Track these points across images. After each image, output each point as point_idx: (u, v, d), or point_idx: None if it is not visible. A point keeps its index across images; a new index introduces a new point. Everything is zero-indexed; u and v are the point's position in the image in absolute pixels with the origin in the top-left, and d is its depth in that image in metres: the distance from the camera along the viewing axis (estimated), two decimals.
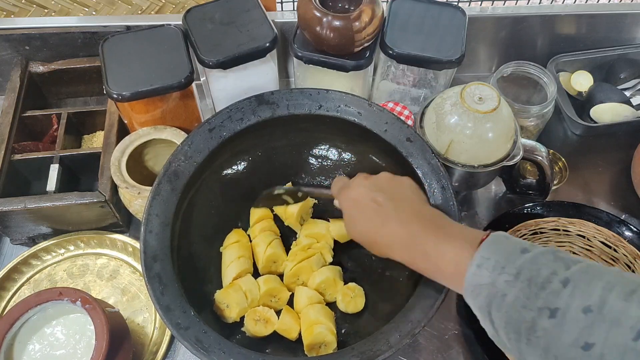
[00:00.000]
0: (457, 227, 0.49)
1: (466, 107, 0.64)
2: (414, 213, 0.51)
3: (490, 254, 0.43)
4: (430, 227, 0.49)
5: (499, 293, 0.41)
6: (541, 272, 0.40)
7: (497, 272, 0.42)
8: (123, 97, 0.65)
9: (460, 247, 0.46)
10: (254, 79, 0.73)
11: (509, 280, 0.41)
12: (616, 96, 0.85)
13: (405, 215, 0.51)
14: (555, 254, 0.41)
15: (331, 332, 0.60)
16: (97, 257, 0.73)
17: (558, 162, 0.83)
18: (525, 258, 0.41)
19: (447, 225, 0.49)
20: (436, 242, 0.47)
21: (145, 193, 0.65)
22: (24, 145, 0.74)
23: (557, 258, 0.41)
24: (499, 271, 0.42)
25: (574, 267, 0.40)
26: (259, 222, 0.68)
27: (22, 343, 0.57)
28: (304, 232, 0.68)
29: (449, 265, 0.46)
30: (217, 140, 0.62)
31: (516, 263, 0.41)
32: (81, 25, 0.79)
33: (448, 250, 0.46)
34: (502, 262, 0.42)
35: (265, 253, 0.65)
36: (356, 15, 0.67)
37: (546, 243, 0.72)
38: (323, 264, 0.66)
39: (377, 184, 0.55)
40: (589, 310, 0.37)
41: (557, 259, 0.41)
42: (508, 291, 0.41)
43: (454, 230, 0.48)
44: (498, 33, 0.88)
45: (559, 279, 0.39)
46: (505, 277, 0.41)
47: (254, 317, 0.61)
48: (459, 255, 0.45)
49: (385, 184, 0.55)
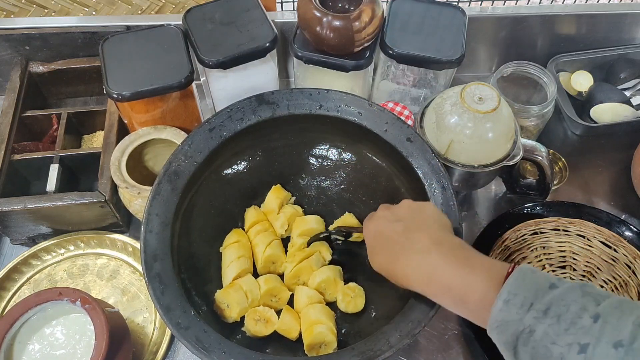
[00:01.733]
0: (480, 258, 0.47)
1: (466, 107, 0.64)
2: (434, 242, 0.49)
3: (517, 289, 0.42)
4: (451, 258, 0.47)
5: (526, 329, 0.40)
6: (571, 308, 0.39)
7: (526, 308, 0.41)
8: (123, 97, 0.65)
9: (485, 281, 0.44)
10: (254, 79, 0.73)
11: (538, 317, 0.40)
12: (616, 96, 0.85)
13: (424, 245, 0.49)
14: (583, 289, 0.41)
15: (331, 332, 0.60)
16: (97, 257, 0.73)
17: (558, 162, 0.83)
18: (554, 294, 0.41)
19: (470, 257, 0.48)
20: (459, 274, 0.46)
21: (145, 193, 0.65)
22: (24, 145, 0.74)
23: (585, 293, 0.40)
24: (528, 307, 0.41)
25: (604, 303, 0.39)
26: (254, 225, 0.68)
27: (22, 343, 0.57)
28: (296, 232, 0.68)
29: (473, 299, 0.45)
30: (217, 140, 0.62)
31: (545, 299, 0.41)
32: (81, 25, 0.79)
33: (472, 283, 0.45)
34: (530, 298, 0.41)
35: (264, 253, 0.65)
36: (356, 15, 0.67)
37: (546, 243, 0.72)
38: (323, 262, 0.66)
39: (396, 213, 0.54)
40: (620, 345, 0.36)
41: (585, 295, 0.40)
42: (537, 327, 0.40)
43: (476, 261, 0.47)
44: (498, 33, 0.88)
45: (589, 315, 0.38)
46: (534, 313, 0.40)
47: (254, 317, 0.61)
48: (483, 290, 0.44)
49: (405, 213, 0.53)
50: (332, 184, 0.72)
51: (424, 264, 0.48)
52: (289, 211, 0.68)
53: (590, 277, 0.70)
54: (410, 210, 0.54)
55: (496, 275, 0.44)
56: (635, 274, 0.69)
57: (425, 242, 0.49)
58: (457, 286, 0.46)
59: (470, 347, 0.67)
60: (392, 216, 0.54)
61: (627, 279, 0.69)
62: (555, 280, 0.42)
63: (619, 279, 0.69)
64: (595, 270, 0.70)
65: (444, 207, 0.59)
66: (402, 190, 0.67)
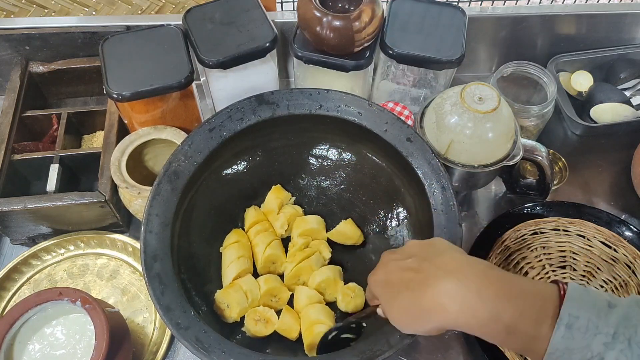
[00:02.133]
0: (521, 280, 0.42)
1: (466, 107, 0.64)
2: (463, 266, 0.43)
3: (578, 311, 0.38)
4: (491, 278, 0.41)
5: (595, 357, 0.37)
6: (639, 330, 0.37)
7: (592, 332, 0.37)
8: (123, 97, 0.65)
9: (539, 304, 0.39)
10: (254, 79, 0.73)
11: (607, 342, 0.37)
12: (616, 96, 0.85)
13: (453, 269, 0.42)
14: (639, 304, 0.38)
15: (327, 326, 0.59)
16: (97, 257, 0.73)
17: (558, 162, 0.83)
18: (617, 314, 0.38)
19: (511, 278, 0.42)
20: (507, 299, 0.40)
21: (145, 193, 0.65)
22: (24, 145, 0.74)
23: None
24: (594, 331, 0.37)
25: None
26: (254, 225, 0.68)
27: (22, 343, 0.57)
28: (296, 232, 0.68)
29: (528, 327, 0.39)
30: (217, 140, 0.62)
31: (609, 321, 0.37)
32: (81, 25, 0.79)
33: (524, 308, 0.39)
34: (594, 321, 0.37)
35: (264, 254, 0.65)
36: (356, 15, 0.67)
37: (546, 243, 0.72)
38: (322, 262, 0.66)
39: (404, 252, 0.48)
40: None
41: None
42: (606, 354, 0.37)
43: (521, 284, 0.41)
44: (498, 33, 0.88)
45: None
46: (603, 338, 0.37)
47: (254, 317, 0.61)
48: (539, 314, 0.39)
49: (415, 250, 0.47)
50: (332, 184, 0.72)
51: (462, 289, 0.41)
52: (289, 211, 0.68)
53: (590, 277, 0.70)
54: (420, 244, 0.48)
55: (550, 298, 0.39)
56: (635, 274, 0.69)
57: (454, 265, 0.43)
58: (509, 314, 0.39)
59: (470, 347, 0.67)
60: (401, 256, 0.47)
61: (627, 279, 0.69)
62: (609, 297, 0.39)
63: (619, 279, 0.69)
64: (595, 270, 0.70)
65: (443, 207, 0.59)
66: (402, 190, 0.67)
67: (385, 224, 0.69)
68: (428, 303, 0.42)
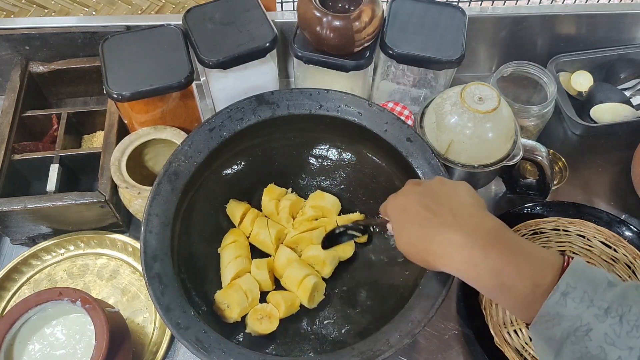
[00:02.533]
0: (532, 245, 0.44)
1: (466, 107, 0.64)
2: (476, 221, 0.45)
3: (576, 283, 0.39)
4: (499, 238, 0.44)
5: (583, 327, 0.38)
6: (633, 309, 0.38)
7: (585, 304, 0.38)
8: (123, 97, 0.65)
9: (540, 268, 0.41)
10: (254, 79, 0.73)
11: (598, 315, 0.38)
12: (616, 96, 0.85)
13: (466, 223, 0.45)
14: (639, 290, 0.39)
15: (316, 276, 0.64)
16: (97, 257, 0.73)
17: (558, 162, 0.83)
18: (615, 292, 0.39)
19: (519, 240, 0.44)
20: (511, 258, 0.42)
21: (145, 193, 0.65)
22: (24, 145, 0.74)
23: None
24: (587, 303, 0.38)
25: None
26: (244, 218, 0.68)
27: (22, 343, 0.57)
28: (310, 203, 0.69)
29: (522, 287, 0.41)
30: (217, 140, 0.62)
31: (605, 297, 0.38)
32: (81, 25, 0.79)
33: (526, 269, 0.41)
34: (590, 294, 0.39)
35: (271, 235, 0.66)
36: (356, 15, 0.67)
37: (546, 243, 0.72)
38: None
39: (428, 189, 0.49)
40: None
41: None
42: (595, 326, 0.38)
43: (527, 247, 0.43)
44: (498, 33, 0.88)
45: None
46: (595, 310, 0.38)
47: (256, 317, 0.61)
48: (538, 277, 0.41)
49: (439, 190, 0.49)
50: (332, 184, 0.72)
51: (469, 243, 0.43)
52: (287, 204, 0.68)
53: None
54: (444, 186, 0.50)
55: (552, 265, 0.41)
56: (635, 274, 0.69)
57: (469, 220, 0.45)
58: (507, 270, 0.42)
59: (470, 347, 0.67)
60: (425, 192, 0.49)
61: (627, 279, 0.69)
62: (611, 277, 0.40)
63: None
64: None
65: None
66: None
67: (385, 224, 0.69)
68: (435, 247, 0.45)
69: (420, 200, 0.48)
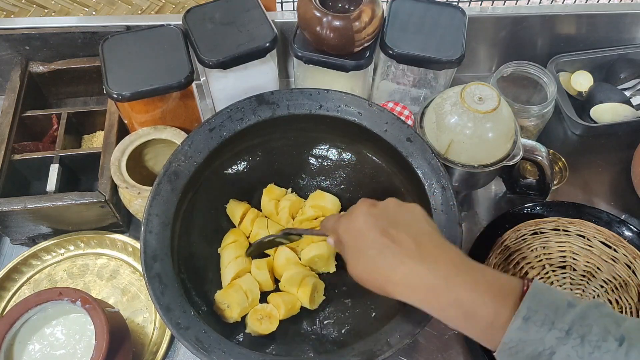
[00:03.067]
0: (490, 270, 0.44)
1: (466, 107, 0.64)
2: (438, 250, 0.44)
3: (537, 307, 0.39)
4: (461, 267, 0.43)
5: (547, 350, 0.38)
6: (593, 329, 0.38)
7: (547, 327, 0.38)
8: (123, 97, 0.65)
9: (500, 296, 0.41)
10: (254, 79, 0.73)
11: (560, 337, 0.38)
12: (616, 96, 0.85)
13: (429, 253, 0.44)
14: (600, 310, 0.39)
15: (315, 277, 0.64)
16: (97, 257, 0.73)
17: (558, 162, 0.83)
18: (575, 312, 0.39)
19: (479, 267, 0.44)
20: (472, 286, 0.42)
21: (145, 193, 0.65)
22: (24, 145, 0.74)
23: (603, 314, 0.39)
24: (549, 326, 0.38)
25: (626, 324, 0.38)
26: (244, 217, 0.68)
27: (22, 343, 0.57)
28: (310, 203, 0.69)
29: (484, 315, 0.41)
30: (217, 140, 0.62)
31: (566, 318, 0.39)
32: (81, 25, 0.79)
33: (487, 297, 0.41)
34: (551, 316, 0.39)
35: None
36: (356, 15, 0.67)
37: (546, 243, 0.72)
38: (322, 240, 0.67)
39: (385, 212, 0.47)
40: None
41: (604, 315, 0.39)
42: (558, 349, 0.38)
43: (487, 274, 0.43)
44: (498, 33, 0.88)
45: (614, 337, 0.37)
46: (556, 333, 0.38)
47: (256, 317, 0.61)
48: (499, 305, 0.40)
49: (396, 214, 0.47)
50: (332, 184, 0.72)
51: (431, 274, 0.43)
52: (287, 204, 0.68)
53: (590, 277, 0.70)
54: (402, 210, 0.48)
55: (512, 291, 0.41)
56: (635, 274, 0.69)
57: (430, 249, 0.44)
58: (468, 299, 0.41)
59: (470, 347, 0.67)
60: (383, 216, 0.47)
61: (627, 279, 0.69)
62: (571, 298, 0.40)
63: (619, 279, 0.69)
64: (595, 270, 0.70)
65: (443, 207, 0.59)
66: (402, 190, 0.67)
67: None
68: (398, 277, 0.44)
69: (379, 225, 0.46)
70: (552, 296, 0.40)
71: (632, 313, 0.67)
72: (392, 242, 0.44)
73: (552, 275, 0.70)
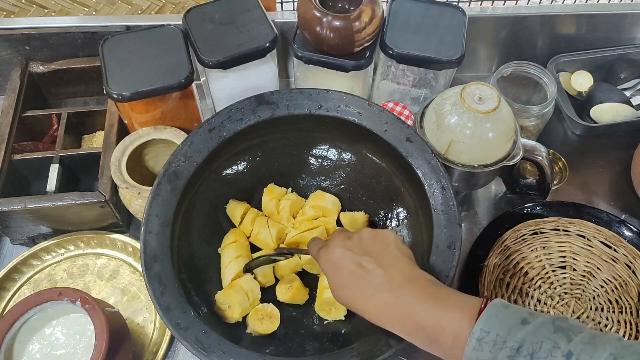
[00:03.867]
0: (453, 294, 0.46)
1: (466, 107, 0.64)
2: (405, 279, 0.47)
3: (490, 327, 0.41)
4: (425, 295, 0.46)
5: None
6: (543, 346, 0.39)
7: (499, 346, 0.40)
8: (123, 97, 0.65)
9: (458, 319, 0.43)
10: (254, 79, 0.73)
11: (511, 356, 0.40)
12: (616, 96, 0.85)
13: (396, 282, 0.47)
14: (556, 324, 0.40)
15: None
16: (97, 257, 0.73)
17: (558, 162, 0.83)
18: (527, 330, 0.40)
19: (443, 293, 0.46)
20: (432, 312, 0.44)
21: (145, 193, 0.65)
22: (24, 145, 0.74)
23: (557, 329, 0.40)
24: (500, 346, 0.40)
25: (576, 339, 0.39)
26: (245, 217, 0.68)
27: (22, 343, 0.57)
28: (311, 203, 0.69)
29: (446, 338, 0.43)
30: (217, 140, 0.62)
31: (517, 336, 0.40)
32: (81, 25, 0.79)
33: (445, 321, 0.44)
34: (503, 336, 0.40)
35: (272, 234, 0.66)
36: (356, 15, 0.67)
37: (546, 243, 0.72)
38: (325, 239, 0.67)
39: (360, 245, 0.50)
40: None
41: (557, 330, 0.40)
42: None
43: (450, 298, 0.45)
44: (498, 33, 0.88)
45: (562, 353, 0.38)
46: (507, 352, 0.40)
47: (257, 317, 0.61)
48: (457, 327, 0.43)
49: (370, 245, 0.50)
50: (332, 184, 0.72)
51: (398, 303, 0.46)
52: (287, 204, 0.68)
53: (590, 277, 0.70)
54: (375, 241, 0.51)
55: (469, 312, 0.43)
56: (635, 274, 0.69)
57: (399, 280, 0.47)
58: (430, 324, 0.44)
59: None
60: (357, 248, 0.50)
61: (627, 279, 0.69)
62: (527, 314, 0.42)
63: (619, 279, 0.69)
64: (595, 270, 0.70)
65: (443, 207, 0.59)
66: (402, 190, 0.67)
67: (385, 224, 0.69)
68: (371, 308, 0.47)
69: (354, 258, 0.49)
70: (507, 315, 0.42)
71: (632, 313, 0.67)
72: (365, 272, 0.48)
73: (552, 275, 0.70)
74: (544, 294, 0.68)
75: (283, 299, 0.64)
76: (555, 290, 0.69)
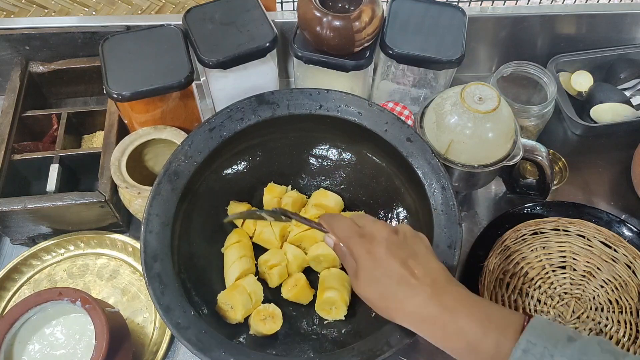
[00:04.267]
0: (493, 305, 0.46)
1: (466, 107, 0.64)
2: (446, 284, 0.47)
3: (536, 339, 0.41)
4: (468, 302, 0.46)
5: None
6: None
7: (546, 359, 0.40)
8: (123, 97, 0.65)
9: (502, 328, 0.43)
10: (254, 79, 0.73)
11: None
12: (616, 96, 0.85)
13: (438, 287, 0.46)
14: (602, 345, 0.41)
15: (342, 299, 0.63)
16: (97, 257, 0.73)
17: (558, 162, 0.83)
18: (574, 346, 0.40)
19: (483, 303, 0.46)
20: (475, 320, 0.44)
21: (145, 193, 0.65)
22: (24, 145, 0.74)
23: (604, 350, 0.40)
24: (548, 358, 0.40)
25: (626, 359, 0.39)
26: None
27: (22, 343, 0.57)
28: (313, 201, 0.69)
29: (486, 348, 0.43)
30: (217, 140, 0.62)
31: (565, 351, 0.40)
32: (81, 25, 0.79)
33: (489, 329, 0.43)
34: (550, 349, 0.40)
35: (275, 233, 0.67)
36: (356, 15, 0.67)
37: (546, 243, 0.72)
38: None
39: (404, 242, 0.49)
40: None
41: (604, 351, 0.40)
42: None
43: (491, 308, 0.45)
44: (498, 33, 0.88)
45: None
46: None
47: (260, 318, 0.61)
48: (499, 339, 0.43)
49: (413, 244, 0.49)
50: (332, 184, 0.72)
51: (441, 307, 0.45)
52: (289, 201, 0.68)
53: (590, 277, 0.70)
54: (417, 240, 0.50)
55: (512, 325, 0.43)
56: (635, 274, 0.69)
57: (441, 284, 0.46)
58: (472, 331, 0.44)
59: None
60: (402, 243, 0.49)
61: (627, 279, 0.69)
62: (572, 332, 0.42)
63: (619, 279, 0.69)
64: (595, 270, 0.70)
65: (443, 207, 0.59)
66: (402, 190, 0.67)
67: None
68: (410, 308, 0.46)
69: (399, 255, 0.47)
70: (553, 330, 0.42)
71: (632, 313, 0.67)
72: (409, 273, 0.47)
73: (552, 275, 0.70)
74: (544, 294, 0.68)
75: (287, 296, 0.64)
76: (555, 290, 0.69)
